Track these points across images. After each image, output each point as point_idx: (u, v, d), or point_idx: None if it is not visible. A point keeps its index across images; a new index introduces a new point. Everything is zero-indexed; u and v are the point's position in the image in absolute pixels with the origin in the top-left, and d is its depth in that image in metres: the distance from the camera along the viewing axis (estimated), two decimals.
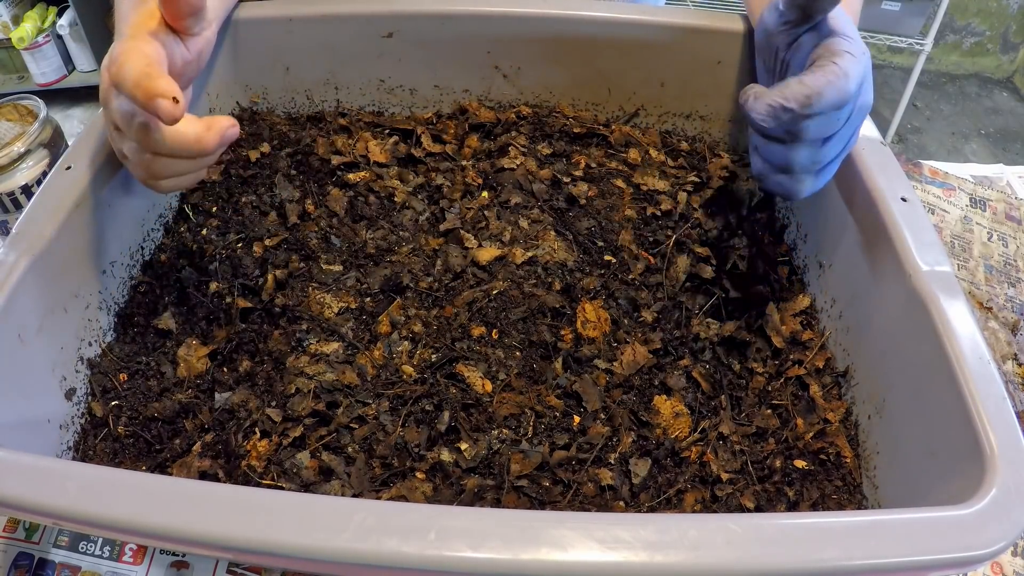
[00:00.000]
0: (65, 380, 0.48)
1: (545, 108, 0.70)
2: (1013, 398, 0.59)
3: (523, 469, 0.46)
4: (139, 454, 0.48)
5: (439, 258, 0.57)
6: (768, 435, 0.49)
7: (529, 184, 0.63)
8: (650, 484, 0.47)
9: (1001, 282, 0.70)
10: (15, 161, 0.66)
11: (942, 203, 0.76)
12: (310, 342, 0.52)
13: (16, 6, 2.12)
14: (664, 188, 0.63)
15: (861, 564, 0.32)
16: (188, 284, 0.55)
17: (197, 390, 0.50)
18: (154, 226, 0.59)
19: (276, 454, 0.46)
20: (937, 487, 0.40)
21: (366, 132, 0.67)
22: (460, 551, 0.31)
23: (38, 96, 0.72)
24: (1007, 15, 2.46)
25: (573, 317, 0.54)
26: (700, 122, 0.69)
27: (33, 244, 0.45)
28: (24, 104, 0.71)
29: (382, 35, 0.65)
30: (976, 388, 0.38)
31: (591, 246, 0.59)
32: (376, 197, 0.62)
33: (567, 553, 0.31)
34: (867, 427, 0.49)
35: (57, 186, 0.48)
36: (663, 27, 0.64)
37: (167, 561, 0.49)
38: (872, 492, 0.47)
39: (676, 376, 0.52)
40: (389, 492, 0.45)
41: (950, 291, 0.43)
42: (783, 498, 0.47)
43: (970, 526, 0.33)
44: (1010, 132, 2.39)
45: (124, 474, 0.35)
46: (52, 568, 0.49)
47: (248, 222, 0.59)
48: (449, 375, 0.50)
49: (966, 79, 2.59)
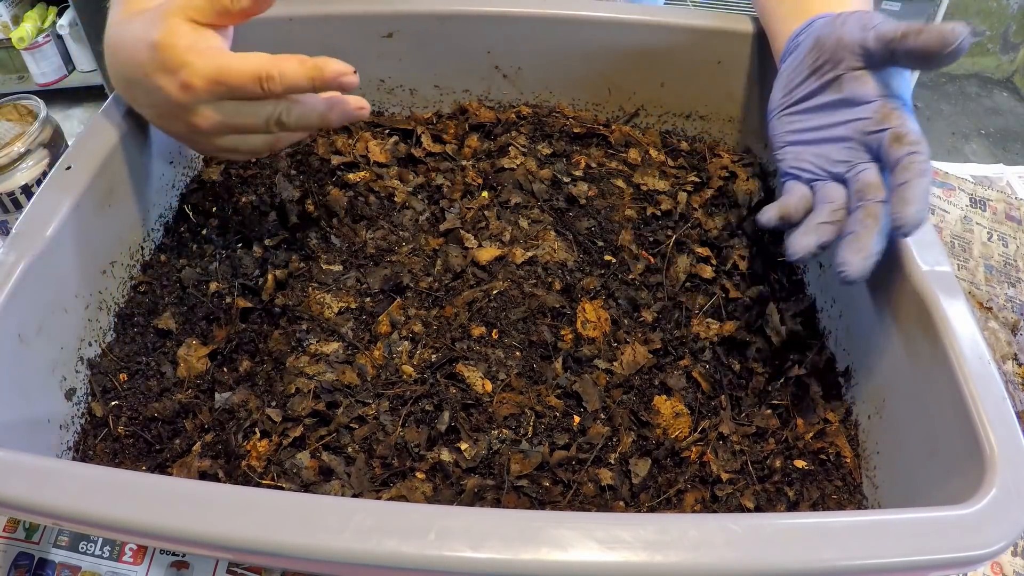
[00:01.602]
0: (65, 380, 0.48)
1: (545, 108, 0.70)
2: (1013, 398, 0.59)
3: (523, 469, 0.46)
4: (139, 454, 0.48)
5: (439, 258, 0.57)
6: (768, 435, 0.49)
7: (529, 184, 0.63)
8: (650, 484, 0.47)
9: (1001, 282, 0.70)
10: (15, 161, 0.66)
11: (942, 203, 0.76)
12: (310, 342, 0.52)
13: (16, 6, 2.12)
14: (664, 188, 0.63)
15: (861, 564, 0.32)
16: (188, 284, 0.55)
17: (197, 390, 0.50)
18: (154, 226, 0.59)
19: (276, 454, 0.46)
20: (937, 487, 0.40)
21: (366, 132, 0.67)
22: (460, 551, 0.31)
23: (38, 96, 0.72)
24: (1007, 15, 2.45)
25: (573, 317, 0.54)
26: (700, 122, 0.69)
27: (33, 244, 0.45)
28: (24, 104, 0.71)
29: (382, 35, 0.65)
30: (976, 388, 0.38)
31: (591, 246, 0.59)
32: (376, 197, 0.62)
33: (567, 553, 0.31)
34: (867, 427, 0.49)
35: (57, 186, 0.48)
36: (663, 27, 0.64)
37: (167, 561, 0.49)
38: (872, 492, 0.47)
39: (676, 376, 0.52)
40: (389, 492, 0.45)
41: (950, 291, 0.43)
42: (783, 498, 0.46)
43: (970, 526, 0.33)
44: (1010, 132, 2.39)
45: (124, 474, 0.35)
46: (52, 568, 0.49)
47: (248, 222, 0.59)
48: (449, 375, 0.50)
49: (966, 79, 2.59)
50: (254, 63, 0.45)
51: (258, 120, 0.47)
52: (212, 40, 0.47)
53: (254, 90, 0.45)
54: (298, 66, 0.45)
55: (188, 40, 0.45)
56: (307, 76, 0.45)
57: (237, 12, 0.47)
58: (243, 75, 0.44)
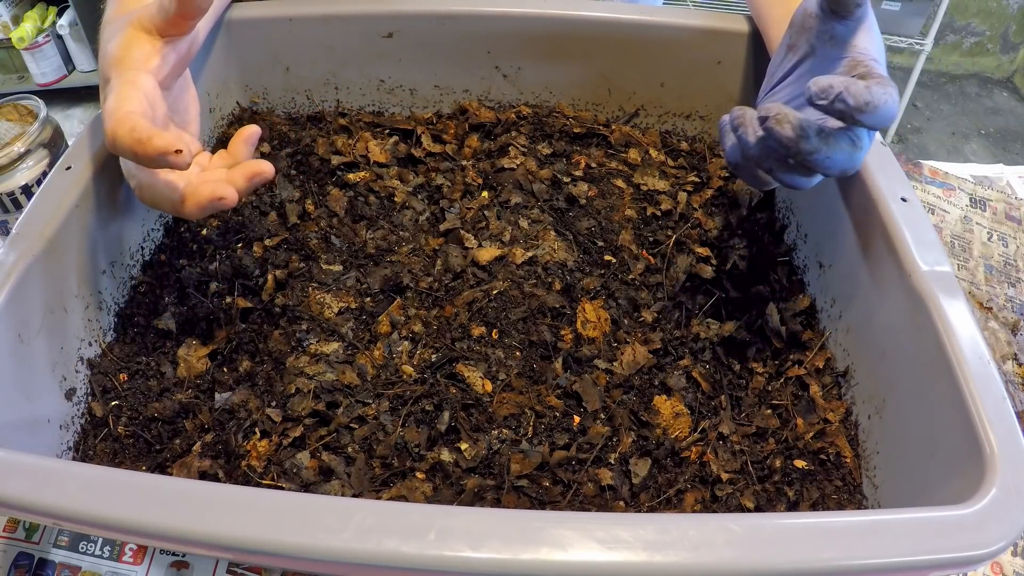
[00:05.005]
0: (65, 380, 0.48)
1: (545, 108, 0.70)
2: (1013, 398, 0.59)
3: (523, 469, 0.46)
4: (139, 454, 0.48)
5: (439, 258, 0.57)
6: (768, 435, 0.49)
7: (529, 184, 0.63)
8: (650, 484, 0.47)
9: (1001, 282, 0.70)
10: (15, 161, 0.66)
11: (942, 203, 0.76)
12: (310, 342, 0.52)
13: (16, 6, 2.11)
14: (664, 188, 0.63)
15: (861, 564, 0.32)
16: (188, 284, 0.55)
17: (197, 390, 0.50)
18: (154, 226, 0.59)
19: (276, 454, 0.46)
20: (937, 487, 0.40)
21: (366, 132, 0.67)
22: (460, 551, 0.31)
23: (38, 96, 0.72)
24: (1007, 15, 2.45)
25: (573, 317, 0.54)
26: (700, 122, 0.69)
27: (33, 244, 0.45)
28: (24, 104, 0.71)
29: (382, 35, 0.65)
30: (976, 388, 0.38)
31: (591, 246, 0.59)
32: (376, 197, 0.62)
33: (567, 553, 0.31)
34: (867, 427, 0.49)
35: (57, 186, 0.48)
36: (663, 27, 0.64)
37: (167, 561, 0.49)
38: (872, 492, 0.47)
39: (676, 376, 0.52)
40: (389, 492, 0.45)
41: (950, 291, 0.43)
42: (783, 498, 0.46)
43: (970, 526, 0.33)
44: (1010, 132, 2.39)
45: (124, 474, 0.35)
46: (52, 568, 0.49)
47: (248, 222, 0.59)
48: (449, 375, 0.50)
49: (966, 79, 2.59)
50: (120, 115, 0.41)
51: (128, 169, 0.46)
52: (148, 58, 0.45)
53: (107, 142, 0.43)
54: (127, 134, 0.41)
55: (123, 54, 0.44)
56: (133, 153, 0.41)
57: (174, 17, 0.45)
58: (107, 123, 0.42)
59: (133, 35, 0.45)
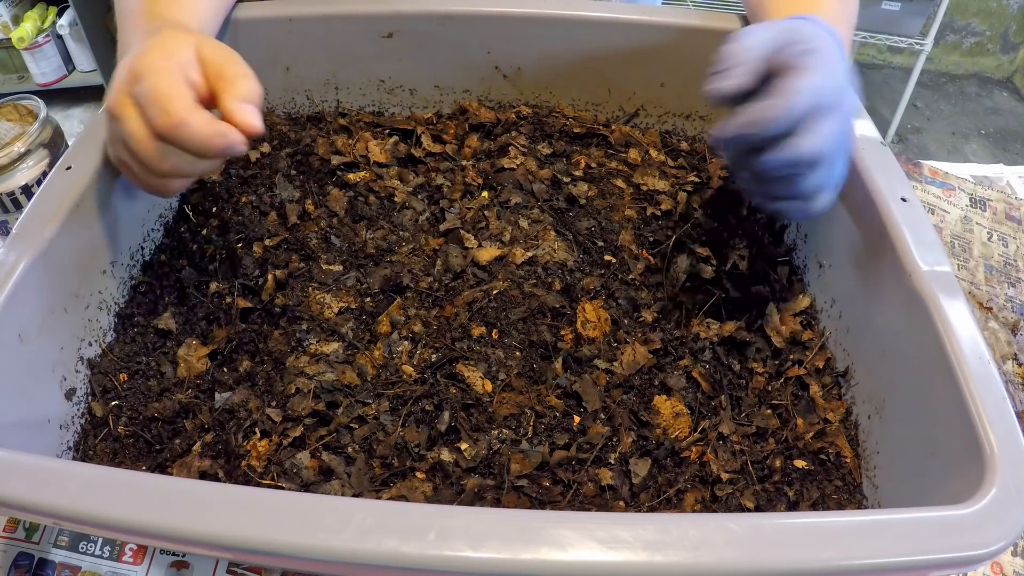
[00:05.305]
0: (65, 380, 0.48)
1: (545, 108, 0.70)
2: (1013, 398, 0.59)
3: (523, 469, 0.46)
4: (139, 454, 0.48)
5: (439, 258, 0.57)
6: (768, 435, 0.49)
7: (529, 184, 0.63)
8: (650, 484, 0.47)
9: (1001, 282, 0.70)
10: (15, 161, 0.66)
11: (942, 203, 0.76)
12: (310, 342, 0.52)
13: (16, 6, 2.12)
14: (664, 188, 0.63)
15: (861, 564, 0.32)
16: (188, 284, 0.55)
17: (197, 390, 0.50)
18: (154, 226, 0.59)
19: (276, 454, 0.46)
20: (937, 487, 0.40)
21: (366, 132, 0.67)
22: (460, 551, 0.31)
23: (38, 96, 0.72)
24: (1007, 15, 2.46)
25: (573, 317, 0.54)
26: (700, 122, 0.69)
27: (33, 244, 0.45)
28: (24, 104, 0.71)
29: (382, 35, 0.65)
30: (976, 388, 0.38)
31: (591, 246, 0.59)
32: (376, 197, 0.62)
33: (567, 553, 0.31)
34: (867, 427, 0.49)
35: (57, 186, 0.48)
36: (663, 27, 0.64)
37: (167, 561, 0.49)
38: (872, 492, 0.47)
39: (676, 376, 0.52)
40: (389, 492, 0.45)
41: (950, 291, 0.43)
42: (783, 498, 0.46)
43: (970, 526, 0.33)
44: (1010, 132, 2.39)
45: (124, 474, 0.35)
46: (52, 568, 0.49)
47: (248, 222, 0.59)
48: (449, 375, 0.50)
49: (966, 79, 2.59)
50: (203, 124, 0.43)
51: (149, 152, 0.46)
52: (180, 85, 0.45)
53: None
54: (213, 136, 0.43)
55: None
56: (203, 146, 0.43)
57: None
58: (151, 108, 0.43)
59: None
